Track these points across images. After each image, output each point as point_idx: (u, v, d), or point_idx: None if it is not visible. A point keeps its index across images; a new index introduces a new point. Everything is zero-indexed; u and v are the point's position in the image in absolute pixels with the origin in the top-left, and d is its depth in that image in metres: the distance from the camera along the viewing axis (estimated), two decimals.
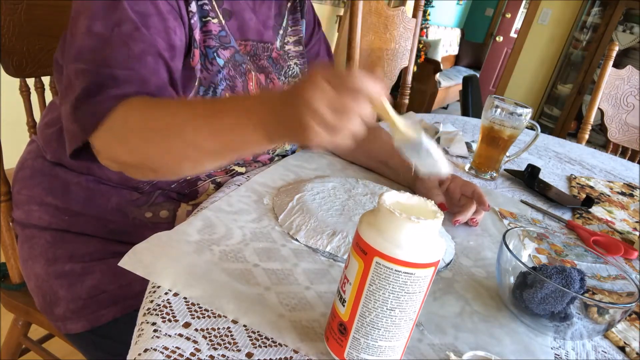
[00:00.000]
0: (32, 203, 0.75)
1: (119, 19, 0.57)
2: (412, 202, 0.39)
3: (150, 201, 0.73)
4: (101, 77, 0.55)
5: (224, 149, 0.51)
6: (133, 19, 0.57)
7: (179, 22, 0.63)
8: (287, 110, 0.44)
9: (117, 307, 0.69)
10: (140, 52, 0.57)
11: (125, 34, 0.56)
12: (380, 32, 1.55)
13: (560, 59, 3.94)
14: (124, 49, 0.56)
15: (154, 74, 0.58)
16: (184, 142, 0.52)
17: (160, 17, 0.59)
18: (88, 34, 0.56)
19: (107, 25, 0.56)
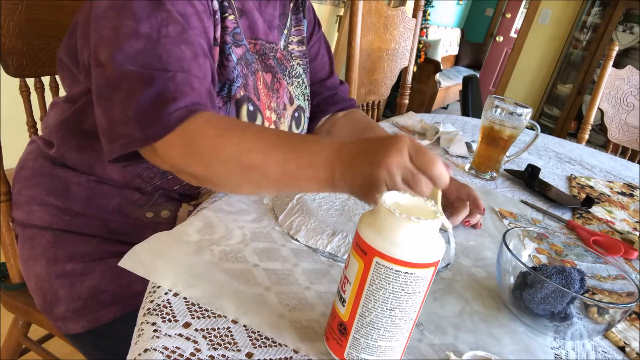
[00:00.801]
0: (32, 203, 0.75)
1: (164, 20, 0.56)
2: (412, 202, 0.39)
3: (152, 201, 0.73)
4: (161, 81, 0.54)
5: (287, 182, 0.52)
6: (179, 20, 0.57)
7: (211, 22, 0.63)
8: (364, 166, 0.47)
9: (117, 307, 0.69)
10: (192, 54, 0.57)
11: (174, 36, 0.56)
12: (380, 32, 1.55)
13: (560, 59, 3.95)
14: (176, 51, 0.56)
15: (206, 77, 0.59)
16: (253, 168, 0.52)
17: (198, 16, 0.60)
18: (135, 36, 0.55)
19: (153, 26, 0.56)
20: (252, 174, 0.53)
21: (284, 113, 0.80)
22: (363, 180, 0.47)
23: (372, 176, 0.46)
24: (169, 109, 0.53)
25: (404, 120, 1.30)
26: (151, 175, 0.71)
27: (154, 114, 0.53)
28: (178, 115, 0.53)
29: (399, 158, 0.45)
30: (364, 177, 0.47)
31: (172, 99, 0.54)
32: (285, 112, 0.80)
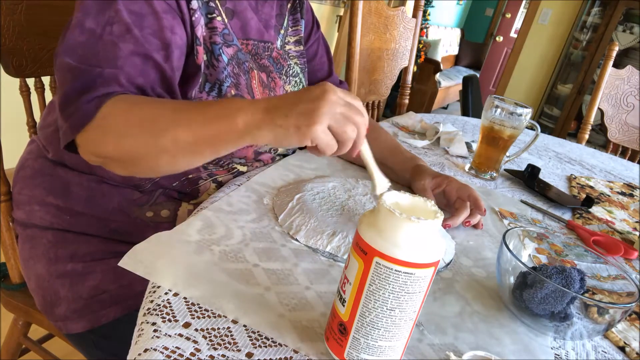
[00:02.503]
0: (33, 203, 0.75)
1: (111, 18, 0.57)
2: (412, 202, 0.39)
3: (152, 201, 0.73)
4: (89, 76, 0.55)
5: (201, 143, 0.52)
6: (125, 20, 0.58)
7: (178, 21, 0.63)
8: (293, 110, 0.49)
9: (117, 307, 0.69)
10: (128, 52, 0.57)
11: (116, 34, 0.57)
12: (380, 32, 1.55)
13: (560, 59, 3.95)
14: (113, 49, 0.57)
15: (141, 75, 0.59)
16: (162, 134, 0.53)
17: (155, 16, 0.60)
18: (80, 29, 0.57)
19: (98, 22, 0.57)
20: (162, 141, 0.53)
21: None
22: (296, 122, 0.48)
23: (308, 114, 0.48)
24: (86, 98, 0.54)
25: (404, 120, 1.30)
26: None
27: (75, 105, 0.54)
28: (94, 104, 0.54)
29: (335, 95, 0.49)
30: (297, 119, 0.49)
31: (92, 91, 0.55)
32: None
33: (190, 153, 0.54)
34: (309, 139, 0.49)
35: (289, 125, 0.49)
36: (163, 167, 0.57)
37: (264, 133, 0.50)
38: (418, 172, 0.79)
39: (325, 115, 0.49)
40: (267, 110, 0.50)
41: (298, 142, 0.50)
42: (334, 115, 0.50)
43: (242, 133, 0.51)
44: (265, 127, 0.50)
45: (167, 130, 0.53)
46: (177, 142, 0.53)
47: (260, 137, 0.51)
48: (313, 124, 0.48)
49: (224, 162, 0.75)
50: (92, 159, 0.58)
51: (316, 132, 0.49)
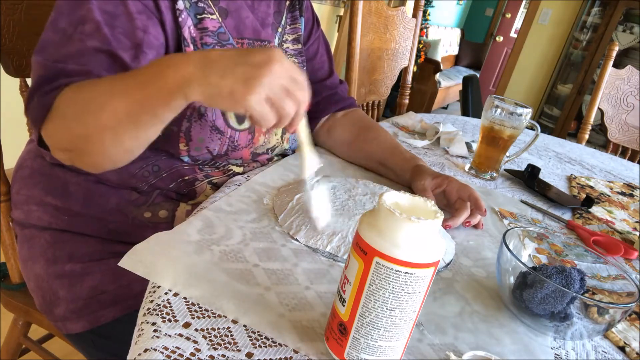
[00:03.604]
0: (31, 203, 0.75)
1: (82, 18, 0.58)
2: (412, 202, 0.39)
3: (150, 201, 0.73)
4: (53, 71, 0.56)
5: (137, 110, 0.51)
6: (96, 20, 0.57)
7: (153, 21, 0.62)
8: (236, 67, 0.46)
9: (117, 307, 0.69)
10: (93, 48, 0.57)
11: (86, 33, 0.57)
12: (380, 32, 1.55)
13: (560, 59, 3.95)
14: (79, 45, 0.57)
15: (107, 71, 0.58)
16: (101, 109, 0.51)
17: (128, 17, 0.60)
18: (53, 29, 0.58)
19: (71, 22, 0.58)
20: (103, 116, 0.51)
21: None
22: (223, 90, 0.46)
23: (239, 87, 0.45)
24: (44, 90, 0.54)
25: (404, 120, 1.30)
26: (145, 174, 0.71)
27: (37, 100, 0.55)
28: (52, 95, 0.54)
29: (276, 75, 0.46)
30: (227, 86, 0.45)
31: (53, 83, 0.55)
32: None
33: (130, 124, 0.52)
34: (242, 107, 0.46)
35: (222, 86, 0.46)
36: (110, 148, 0.54)
37: (194, 89, 0.47)
38: (418, 172, 0.79)
39: (265, 86, 0.46)
40: (202, 64, 0.47)
41: (230, 107, 0.47)
42: (274, 87, 0.46)
43: (172, 90, 0.48)
44: (196, 82, 0.47)
45: (106, 103, 0.51)
46: (115, 113, 0.50)
47: (191, 94, 0.48)
48: (249, 92, 0.45)
49: (220, 163, 0.75)
50: (59, 154, 0.58)
51: (251, 101, 0.46)
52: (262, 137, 0.77)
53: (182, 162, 0.72)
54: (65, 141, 0.56)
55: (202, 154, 0.71)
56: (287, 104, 0.48)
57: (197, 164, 0.73)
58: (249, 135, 0.74)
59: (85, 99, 0.54)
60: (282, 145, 0.83)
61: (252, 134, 0.75)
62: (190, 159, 0.72)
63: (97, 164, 0.59)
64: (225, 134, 0.71)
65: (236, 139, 0.72)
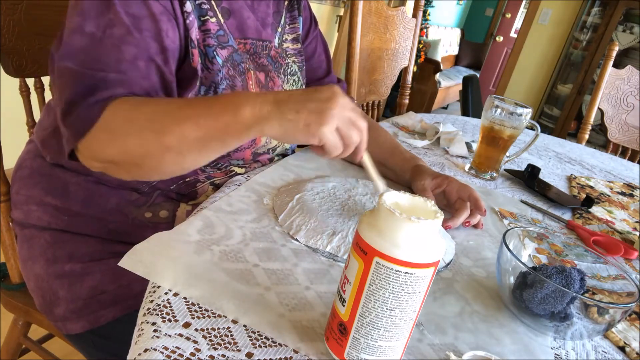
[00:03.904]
0: (31, 203, 0.75)
1: (111, 21, 0.57)
2: (412, 202, 0.39)
3: (150, 201, 0.73)
4: (92, 80, 0.55)
5: (207, 137, 0.52)
6: (125, 22, 0.57)
7: (172, 24, 0.62)
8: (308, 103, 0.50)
9: (117, 307, 0.69)
10: (132, 56, 0.57)
11: (117, 37, 0.57)
12: (380, 32, 1.55)
13: (560, 59, 3.95)
14: (115, 52, 0.56)
15: (145, 78, 0.58)
16: (167, 131, 0.52)
17: (152, 19, 0.59)
18: (80, 33, 0.56)
19: (99, 25, 0.57)
20: (168, 138, 0.52)
21: None
22: (300, 123, 0.50)
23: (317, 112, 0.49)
24: (88, 102, 0.54)
25: (404, 120, 1.30)
26: None
27: (78, 111, 0.54)
28: (98, 107, 0.54)
29: (343, 99, 0.51)
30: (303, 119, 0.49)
31: (97, 94, 0.54)
32: None
33: (196, 149, 0.54)
34: (317, 137, 0.50)
35: (299, 120, 0.50)
36: (168, 166, 0.56)
37: (272, 125, 0.50)
38: (418, 172, 0.79)
39: (336, 117, 0.50)
40: (277, 102, 0.51)
41: (305, 139, 0.51)
42: (343, 118, 0.51)
43: (249, 125, 0.51)
44: (274, 119, 0.50)
45: (173, 127, 0.52)
46: (184, 138, 0.52)
47: (269, 129, 0.51)
48: (324, 123, 0.49)
49: (222, 164, 0.75)
50: (94, 164, 0.57)
51: (325, 131, 0.50)
52: (264, 137, 0.77)
53: None
54: (114, 155, 0.55)
55: None
56: (353, 133, 0.52)
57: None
58: None
59: (145, 119, 0.54)
60: (283, 144, 0.83)
61: None
62: None
63: (142, 176, 0.59)
64: None
65: None
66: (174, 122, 0.52)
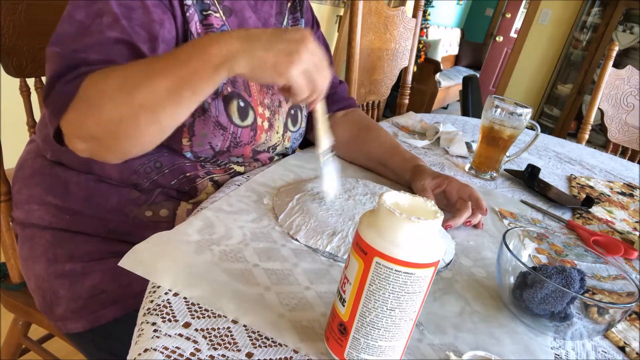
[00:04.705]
0: (32, 202, 0.75)
1: (100, 10, 0.58)
2: (412, 202, 0.39)
3: (151, 200, 0.73)
4: (74, 61, 0.55)
5: (179, 86, 0.52)
6: (114, 12, 0.58)
7: (167, 16, 0.63)
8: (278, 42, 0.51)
9: (117, 306, 0.69)
10: (113, 39, 0.58)
11: (105, 25, 0.58)
12: (380, 32, 1.55)
13: (560, 59, 3.94)
14: (98, 36, 0.57)
15: (126, 61, 0.59)
16: (138, 89, 0.52)
17: (144, 10, 0.60)
18: (69, 21, 0.58)
19: (88, 14, 0.58)
20: (139, 96, 0.52)
21: (279, 110, 0.80)
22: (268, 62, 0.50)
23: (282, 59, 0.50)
24: (65, 79, 0.54)
25: (404, 120, 1.30)
26: (147, 170, 0.71)
27: (57, 89, 0.54)
28: (75, 83, 0.54)
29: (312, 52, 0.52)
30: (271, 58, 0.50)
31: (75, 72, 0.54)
32: (279, 109, 0.80)
33: (169, 102, 0.53)
34: (285, 78, 0.51)
35: (267, 58, 0.50)
36: (145, 128, 0.55)
37: (240, 63, 0.51)
38: (418, 173, 0.79)
39: (303, 60, 0.51)
40: (246, 39, 0.51)
41: (272, 78, 0.51)
42: (311, 62, 0.51)
43: (216, 64, 0.51)
44: (242, 56, 0.50)
45: (143, 83, 0.52)
46: (154, 92, 0.52)
47: (237, 67, 0.51)
48: (292, 64, 0.50)
49: (222, 161, 0.75)
50: (79, 145, 0.57)
51: (292, 73, 0.50)
52: (264, 134, 0.77)
53: (184, 158, 0.72)
54: (92, 127, 0.54)
55: (204, 149, 0.71)
56: (319, 79, 0.54)
57: (199, 161, 0.73)
58: (251, 132, 0.74)
59: (117, 82, 0.54)
60: (283, 143, 0.83)
61: (255, 131, 0.75)
62: (193, 155, 0.72)
63: (125, 149, 0.58)
64: (228, 129, 0.71)
65: (238, 135, 0.73)
66: (144, 78, 0.52)
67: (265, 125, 0.77)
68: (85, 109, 0.54)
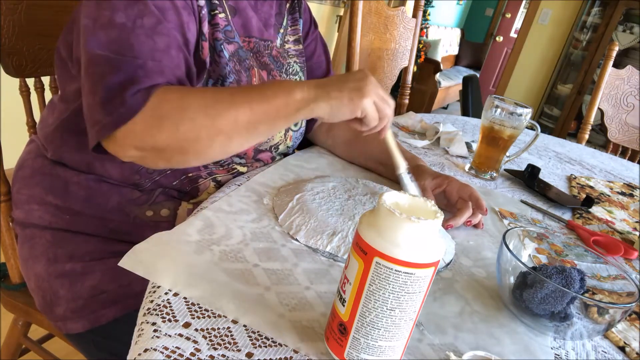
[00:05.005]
0: (32, 202, 0.75)
1: (140, 12, 0.58)
2: (412, 202, 0.39)
3: (151, 200, 0.73)
4: (131, 67, 0.55)
5: (259, 119, 0.57)
6: (155, 13, 0.58)
7: (192, 18, 0.64)
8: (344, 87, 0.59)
9: (117, 306, 0.69)
10: (165, 45, 0.59)
11: (148, 27, 0.58)
12: (380, 32, 1.55)
13: (560, 59, 3.94)
14: (149, 41, 0.57)
15: (178, 67, 0.60)
16: (221, 115, 0.56)
17: (175, 11, 0.61)
18: (110, 25, 0.57)
19: (129, 16, 0.57)
20: (221, 123, 0.56)
21: None
22: (344, 100, 0.58)
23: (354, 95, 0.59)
24: (131, 90, 0.54)
25: (404, 120, 1.30)
26: (149, 170, 0.71)
27: (121, 97, 0.54)
28: (141, 95, 0.54)
29: (375, 86, 0.60)
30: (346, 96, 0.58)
31: (137, 83, 0.55)
32: None
33: (246, 132, 0.58)
34: (360, 109, 0.59)
35: (342, 97, 0.58)
36: (215, 150, 0.59)
37: (320, 105, 0.58)
38: (418, 173, 0.79)
39: (373, 92, 0.59)
40: (320, 86, 0.59)
41: (350, 112, 0.59)
42: (377, 94, 0.60)
43: (299, 108, 0.58)
44: (321, 99, 0.58)
45: (227, 111, 0.56)
46: (236, 122, 0.56)
47: (317, 109, 0.58)
48: (364, 96, 0.59)
49: (224, 161, 0.75)
50: (130, 153, 0.57)
51: (367, 104, 0.59)
52: None
53: None
54: (161, 141, 0.56)
55: None
56: (386, 107, 0.62)
57: None
58: None
59: (199, 104, 0.56)
60: (285, 142, 0.84)
61: None
62: None
63: (183, 162, 0.61)
64: None
65: None
66: (229, 107, 0.56)
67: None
68: (158, 123, 0.55)
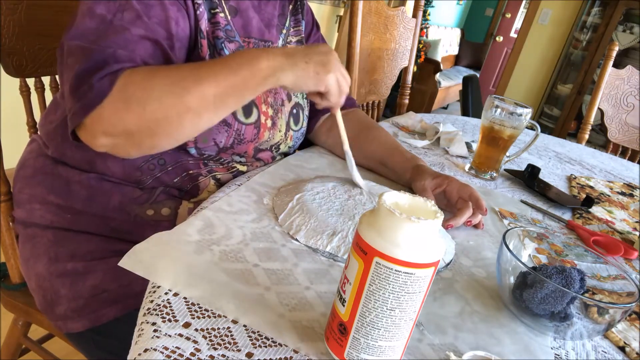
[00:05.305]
0: (33, 202, 0.75)
1: (122, 6, 0.58)
2: (412, 202, 0.39)
3: (152, 199, 0.73)
4: (102, 56, 0.56)
5: (227, 92, 0.57)
6: (135, 7, 0.59)
7: (182, 13, 0.64)
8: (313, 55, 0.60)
9: (117, 306, 0.69)
10: (139, 36, 0.59)
11: (127, 20, 0.58)
12: (380, 32, 1.55)
13: (560, 59, 3.94)
14: (124, 33, 0.58)
15: (151, 57, 0.60)
16: (187, 92, 0.55)
17: (162, 7, 0.61)
18: (90, 15, 0.58)
19: (109, 9, 0.58)
20: (189, 98, 0.55)
21: (282, 109, 0.81)
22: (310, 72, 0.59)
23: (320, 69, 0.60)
24: (99, 75, 0.54)
25: (404, 120, 1.30)
26: (151, 167, 0.71)
27: (89, 83, 0.54)
28: (108, 79, 0.54)
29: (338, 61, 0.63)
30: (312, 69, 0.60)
31: (106, 68, 0.55)
32: (282, 108, 0.81)
33: (214, 107, 0.57)
34: (324, 84, 0.61)
35: (309, 69, 0.59)
36: (185, 129, 0.59)
37: (286, 74, 0.58)
38: (418, 172, 0.79)
39: (336, 68, 0.62)
40: (287, 55, 0.59)
41: (314, 85, 0.61)
42: (340, 70, 0.62)
43: (266, 76, 0.57)
44: (288, 68, 0.58)
45: (193, 87, 0.55)
46: (204, 97, 0.56)
47: (283, 78, 0.58)
48: (330, 72, 0.60)
49: (224, 159, 0.76)
50: (102, 141, 0.57)
51: (331, 79, 0.61)
52: (267, 132, 0.78)
53: (188, 155, 0.72)
54: (130, 124, 0.55)
55: (208, 146, 0.71)
56: (344, 84, 0.65)
57: (202, 159, 0.74)
58: (254, 129, 0.75)
59: (164, 83, 0.56)
60: (286, 142, 0.84)
61: (258, 129, 0.75)
62: (197, 152, 0.72)
63: (155, 145, 0.61)
64: (232, 126, 0.71)
65: (242, 132, 0.73)
66: (194, 83, 0.56)
67: (269, 124, 0.77)
68: (125, 105, 0.55)
